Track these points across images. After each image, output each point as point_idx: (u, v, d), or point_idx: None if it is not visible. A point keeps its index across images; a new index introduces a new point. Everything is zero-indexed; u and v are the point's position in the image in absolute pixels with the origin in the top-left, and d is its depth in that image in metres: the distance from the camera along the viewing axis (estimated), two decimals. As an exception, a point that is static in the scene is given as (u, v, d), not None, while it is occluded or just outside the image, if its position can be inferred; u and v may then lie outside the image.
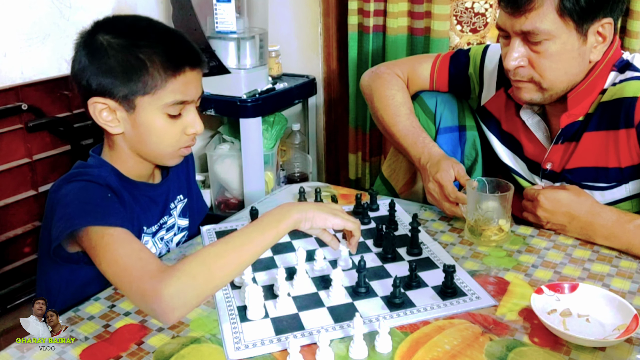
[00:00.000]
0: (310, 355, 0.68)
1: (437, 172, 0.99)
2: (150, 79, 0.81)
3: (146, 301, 0.68)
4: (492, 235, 0.92)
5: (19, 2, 1.38)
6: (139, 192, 0.90)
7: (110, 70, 0.81)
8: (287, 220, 0.76)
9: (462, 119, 1.16)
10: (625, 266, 0.86)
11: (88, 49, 0.82)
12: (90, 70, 0.82)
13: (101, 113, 0.83)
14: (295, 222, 0.77)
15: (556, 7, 0.87)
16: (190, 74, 0.84)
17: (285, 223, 0.76)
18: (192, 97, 0.85)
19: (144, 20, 0.88)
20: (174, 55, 0.83)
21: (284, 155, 1.92)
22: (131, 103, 0.82)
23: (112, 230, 0.74)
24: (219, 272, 0.70)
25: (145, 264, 0.70)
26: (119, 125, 0.84)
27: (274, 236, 0.74)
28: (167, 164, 0.91)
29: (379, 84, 1.17)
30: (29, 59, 1.42)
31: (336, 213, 0.80)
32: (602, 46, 0.92)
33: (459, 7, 1.71)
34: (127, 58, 0.81)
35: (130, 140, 0.86)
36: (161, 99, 0.82)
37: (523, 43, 0.91)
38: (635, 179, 0.95)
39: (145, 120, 0.83)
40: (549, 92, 0.94)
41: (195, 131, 0.87)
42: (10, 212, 1.38)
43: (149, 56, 0.81)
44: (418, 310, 0.76)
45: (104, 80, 0.81)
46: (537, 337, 0.71)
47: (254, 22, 1.68)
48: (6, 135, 1.35)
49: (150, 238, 0.93)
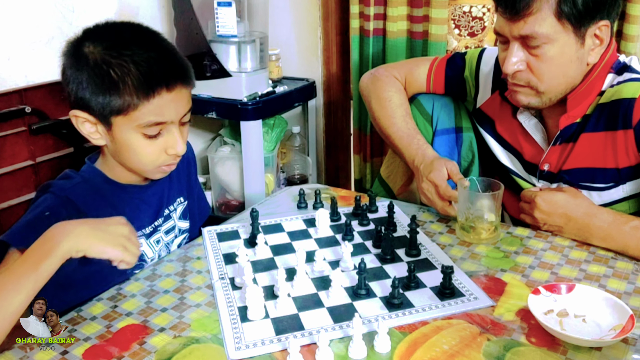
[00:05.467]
0: (310, 355, 0.68)
1: (431, 172, 1.00)
2: (121, 100, 0.78)
3: None
4: (483, 232, 0.94)
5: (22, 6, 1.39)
6: (128, 195, 0.90)
7: (86, 85, 0.79)
8: (49, 257, 0.65)
9: (459, 121, 1.17)
10: (621, 267, 0.87)
11: (72, 60, 0.81)
12: (71, 81, 0.81)
13: (83, 124, 0.83)
14: (62, 256, 0.66)
15: (554, 11, 0.87)
16: (167, 95, 0.80)
17: (49, 261, 0.65)
18: (171, 118, 0.82)
19: (130, 31, 0.84)
20: (149, 77, 0.78)
21: (284, 157, 1.93)
22: (107, 120, 0.81)
23: (11, 251, 0.76)
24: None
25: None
26: (100, 138, 0.84)
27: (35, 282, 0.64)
28: (151, 177, 0.90)
29: (377, 86, 1.19)
30: (33, 62, 1.43)
31: (120, 242, 0.70)
32: (599, 48, 0.93)
33: (457, 11, 1.73)
34: (102, 76, 0.78)
35: (113, 153, 0.86)
36: (135, 120, 0.80)
37: (521, 47, 0.92)
38: (633, 179, 0.95)
39: (122, 138, 0.82)
40: (546, 95, 0.95)
41: (175, 152, 0.83)
42: (13, 214, 1.39)
43: (123, 77, 0.78)
44: (416, 310, 0.77)
45: (81, 93, 0.80)
46: (534, 337, 0.71)
47: (254, 26, 1.69)
48: (10, 138, 1.36)
49: (144, 240, 0.92)
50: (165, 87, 0.79)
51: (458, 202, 0.96)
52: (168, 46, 0.86)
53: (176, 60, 0.83)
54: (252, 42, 1.65)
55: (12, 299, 0.62)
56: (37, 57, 1.44)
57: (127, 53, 0.79)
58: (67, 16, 1.50)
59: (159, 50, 0.83)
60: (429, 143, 1.12)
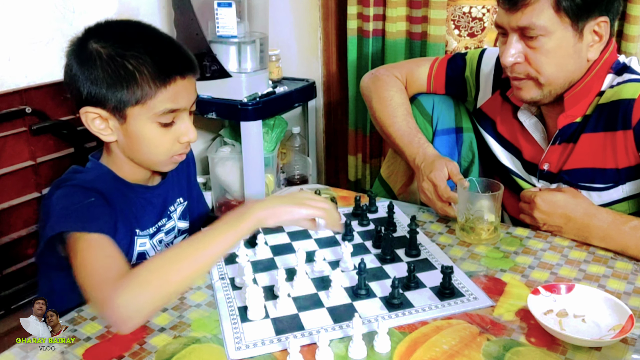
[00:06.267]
0: (310, 355, 0.68)
1: (431, 171, 1.00)
2: (139, 89, 0.80)
3: (102, 310, 0.67)
4: (483, 233, 0.94)
5: (23, 6, 1.40)
6: (135, 194, 0.90)
7: (100, 80, 0.80)
8: (247, 221, 0.73)
9: (459, 121, 1.17)
10: (620, 267, 0.87)
11: (78, 58, 0.81)
12: (80, 79, 0.81)
13: (93, 122, 0.83)
14: (258, 221, 0.74)
15: (552, 3, 0.88)
16: (181, 82, 0.82)
17: (246, 224, 0.73)
18: (184, 104, 0.84)
19: (134, 26, 0.86)
20: (163, 65, 0.81)
21: (284, 157, 1.94)
22: (122, 113, 0.82)
23: (88, 236, 0.74)
24: (175, 278, 0.69)
25: (107, 271, 0.69)
26: (112, 133, 0.84)
27: (234, 238, 0.72)
28: (162, 170, 0.91)
29: (378, 85, 1.19)
30: (33, 63, 1.43)
31: (302, 202, 0.77)
32: (598, 45, 0.93)
33: (457, 11, 1.73)
34: (117, 69, 0.79)
35: (124, 148, 0.86)
36: (152, 109, 0.81)
37: (520, 39, 0.92)
38: (632, 180, 0.95)
39: (137, 130, 0.83)
40: (547, 87, 0.95)
41: (188, 139, 0.86)
42: (14, 214, 1.39)
43: (138, 67, 0.80)
44: (416, 310, 0.77)
45: (94, 90, 0.80)
46: (533, 337, 0.71)
47: (254, 26, 1.70)
48: (10, 138, 1.36)
49: (148, 240, 0.93)
50: (180, 74, 0.82)
51: (458, 203, 0.96)
52: (172, 38, 0.88)
53: (184, 50, 0.86)
54: (252, 43, 1.65)
55: (215, 247, 0.72)
56: (38, 58, 1.44)
57: (138, 45, 0.81)
58: (67, 17, 1.50)
59: (168, 42, 0.86)
60: (429, 143, 1.12)
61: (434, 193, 1.00)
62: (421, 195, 1.04)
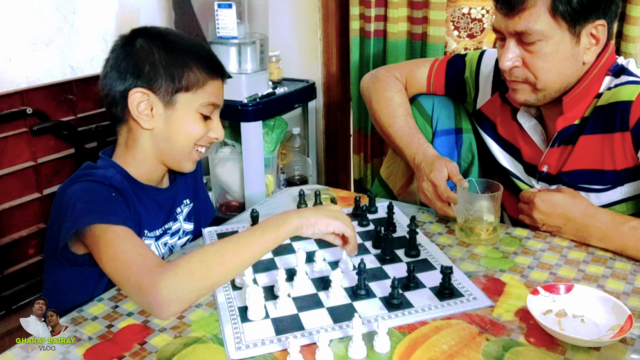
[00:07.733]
0: (310, 355, 0.69)
1: (431, 172, 1.00)
2: (193, 77, 0.86)
3: (143, 294, 0.69)
4: (482, 234, 0.94)
5: (24, 7, 1.40)
6: (146, 195, 0.91)
7: (156, 65, 0.85)
8: (287, 225, 0.78)
9: (459, 122, 1.18)
10: (619, 267, 0.87)
11: (130, 48, 0.86)
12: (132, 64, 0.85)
13: (139, 104, 0.86)
14: (295, 228, 0.79)
15: (549, 8, 0.88)
16: (220, 83, 0.91)
17: (286, 228, 0.78)
18: (220, 102, 0.92)
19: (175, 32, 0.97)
20: (211, 63, 0.90)
21: (284, 158, 1.94)
22: (172, 99, 0.86)
23: (115, 227, 0.75)
24: (217, 270, 0.72)
25: (145, 259, 0.72)
26: (152, 120, 0.87)
27: (274, 240, 0.77)
28: (183, 168, 0.93)
29: (378, 86, 1.19)
30: (34, 64, 1.43)
31: (337, 216, 0.83)
32: (595, 48, 0.93)
33: (456, 12, 1.73)
34: (171, 57, 0.86)
35: (158, 137, 0.88)
36: (199, 98, 0.88)
37: (517, 44, 0.93)
38: (630, 181, 0.96)
39: (181, 117, 0.88)
40: (542, 92, 0.95)
41: (216, 136, 0.92)
42: (15, 215, 1.39)
43: (191, 58, 0.87)
44: (416, 310, 0.77)
45: (153, 71, 0.85)
46: (533, 337, 0.72)
47: (254, 27, 1.70)
48: (11, 139, 1.37)
49: (153, 242, 0.93)
50: (221, 75, 0.92)
51: (457, 204, 0.97)
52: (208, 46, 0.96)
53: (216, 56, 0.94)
54: (252, 44, 1.66)
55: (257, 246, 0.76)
56: (39, 59, 1.44)
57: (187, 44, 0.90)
58: (68, 18, 1.50)
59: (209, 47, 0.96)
60: (428, 143, 1.12)
61: (433, 193, 1.00)
62: (421, 195, 1.04)
